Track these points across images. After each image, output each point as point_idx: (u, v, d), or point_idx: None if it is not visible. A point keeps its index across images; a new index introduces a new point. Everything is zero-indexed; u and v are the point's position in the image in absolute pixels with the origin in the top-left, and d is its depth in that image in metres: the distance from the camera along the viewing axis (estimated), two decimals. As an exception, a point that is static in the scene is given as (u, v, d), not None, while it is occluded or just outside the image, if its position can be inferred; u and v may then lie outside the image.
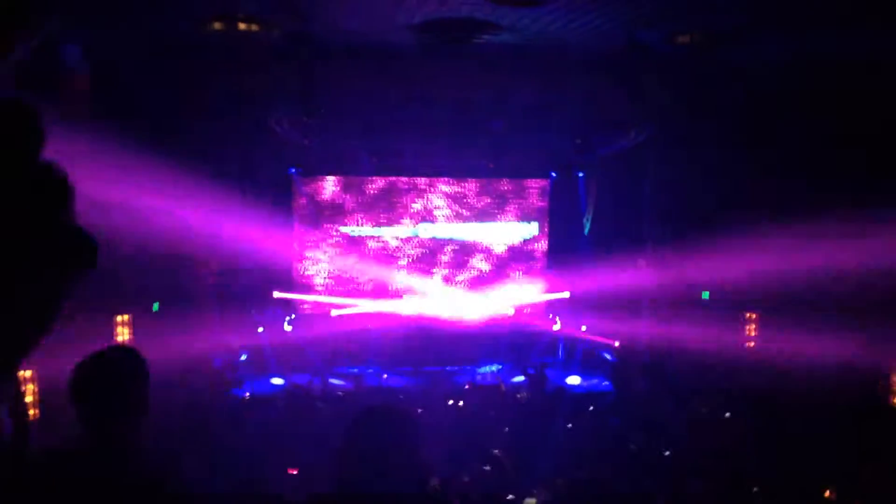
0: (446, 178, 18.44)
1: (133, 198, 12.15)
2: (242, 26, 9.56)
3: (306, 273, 18.20)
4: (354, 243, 18.35)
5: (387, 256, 18.59)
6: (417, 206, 18.53)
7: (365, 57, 11.92)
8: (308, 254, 18.20)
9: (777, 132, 12.57)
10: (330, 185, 18.14)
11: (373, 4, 9.07)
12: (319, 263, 18.26)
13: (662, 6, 8.83)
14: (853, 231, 11.14)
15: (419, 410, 11.78)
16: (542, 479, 8.17)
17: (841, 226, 11.31)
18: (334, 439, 2.63)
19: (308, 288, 18.16)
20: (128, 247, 12.12)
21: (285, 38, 9.73)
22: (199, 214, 13.94)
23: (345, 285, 18.35)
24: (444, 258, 18.81)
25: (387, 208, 18.47)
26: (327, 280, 18.31)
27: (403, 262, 18.66)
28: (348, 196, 18.23)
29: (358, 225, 18.31)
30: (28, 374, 8.91)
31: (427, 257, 18.73)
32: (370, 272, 18.50)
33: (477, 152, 17.63)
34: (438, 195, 18.56)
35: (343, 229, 18.23)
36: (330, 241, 18.21)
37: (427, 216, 18.60)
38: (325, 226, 18.14)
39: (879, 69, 10.44)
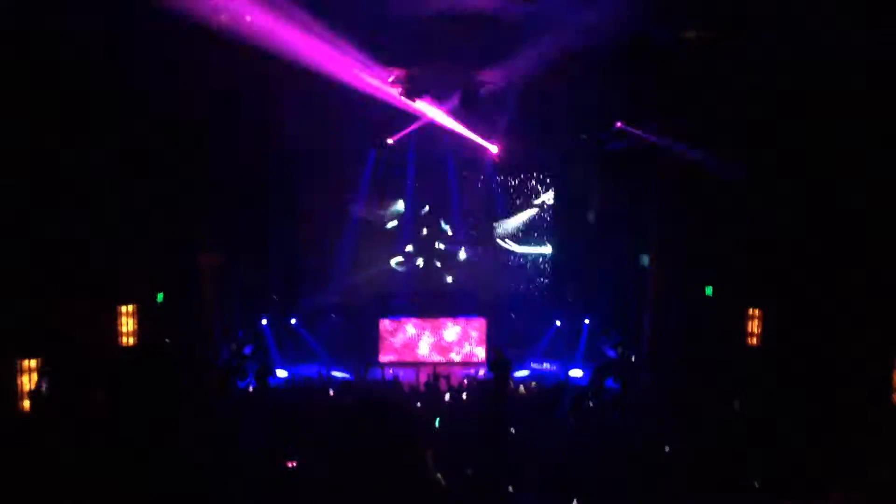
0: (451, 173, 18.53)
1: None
2: (249, 18, 9.54)
3: (311, 267, 18.21)
4: (359, 232, 18.39)
5: (391, 242, 18.74)
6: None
7: (371, 53, 11.89)
8: (314, 244, 18.23)
9: (782, 128, 12.54)
10: (334, 172, 18.17)
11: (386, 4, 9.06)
12: (323, 255, 18.26)
13: (668, 2, 8.81)
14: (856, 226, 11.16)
15: (418, 405, 11.80)
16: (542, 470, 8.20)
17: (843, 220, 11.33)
18: (334, 433, 2.67)
19: (313, 281, 18.18)
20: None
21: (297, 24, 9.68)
22: (199, 204, 14.01)
23: (347, 277, 18.36)
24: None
25: (393, 195, 18.65)
26: (333, 272, 18.31)
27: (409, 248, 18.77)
28: (354, 183, 18.28)
29: (364, 210, 18.37)
30: (34, 363, 8.97)
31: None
32: (373, 263, 18.58)
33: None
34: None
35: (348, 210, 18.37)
36: (334, 228, 18.25)
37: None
38: (328, 213, 18.21)
39: (880, 68, 10.37)
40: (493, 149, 16.80)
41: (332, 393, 12.89)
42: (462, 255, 19.12)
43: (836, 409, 10.44)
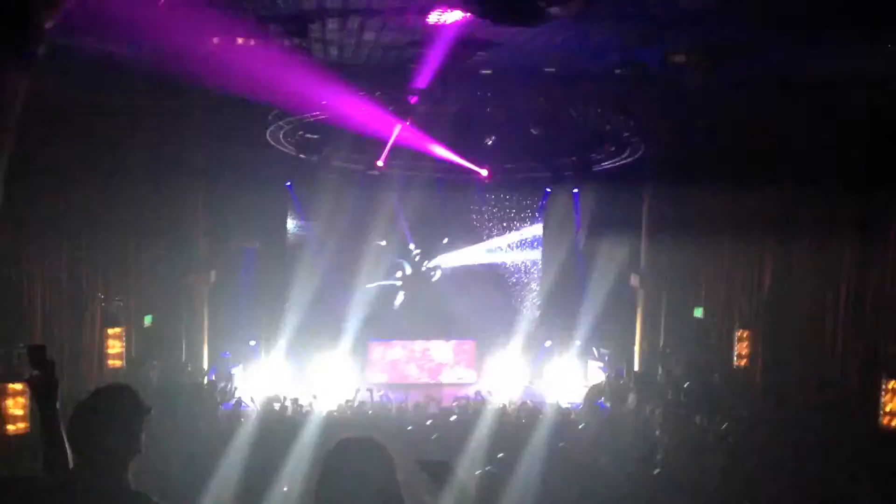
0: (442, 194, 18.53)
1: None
2: (240, 41, 9.54)
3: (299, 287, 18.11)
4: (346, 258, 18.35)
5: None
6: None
7: (362, 72, 11.92)
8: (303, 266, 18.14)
9: (772, 151, 12.63)
10: (328, 197, 18.13)
11: (378, 27, 9.07)
12: (313, 275, 18.17)
13: (657, 25, 8.86)
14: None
15: (409, 428, 11.72)
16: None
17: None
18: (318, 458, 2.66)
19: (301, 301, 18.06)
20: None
21: (282, 52, 9.69)
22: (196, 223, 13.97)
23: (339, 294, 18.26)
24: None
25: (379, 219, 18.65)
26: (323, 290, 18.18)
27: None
28: (344, 207, 18.23)
29: (352, 238, 18.31)
30: (20, 387, 8.85)
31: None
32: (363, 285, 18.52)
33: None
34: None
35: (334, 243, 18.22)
36: (324, 253, 18.16)
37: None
38: (319, 238, 18.15)
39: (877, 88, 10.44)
40: (483, 172, 16.83)
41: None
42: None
43: (825, 430, 10.45)
